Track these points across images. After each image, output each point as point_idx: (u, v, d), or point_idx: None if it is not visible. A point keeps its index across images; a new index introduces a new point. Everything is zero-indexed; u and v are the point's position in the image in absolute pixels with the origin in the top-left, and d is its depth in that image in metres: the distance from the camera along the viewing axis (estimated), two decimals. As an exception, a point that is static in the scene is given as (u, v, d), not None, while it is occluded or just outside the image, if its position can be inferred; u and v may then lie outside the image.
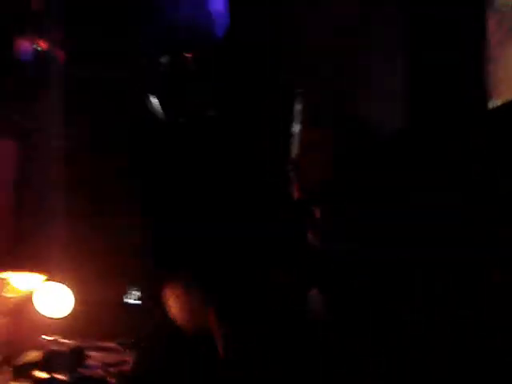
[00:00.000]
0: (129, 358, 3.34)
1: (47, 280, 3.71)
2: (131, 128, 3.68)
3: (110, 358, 3.41)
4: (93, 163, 3.96)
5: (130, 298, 3.93)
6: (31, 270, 3.63)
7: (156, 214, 3.56)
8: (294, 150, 2.49)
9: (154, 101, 3.58)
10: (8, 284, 3.55)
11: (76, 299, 3.76)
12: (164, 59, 3.59)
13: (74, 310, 3.75)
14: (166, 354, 2.79)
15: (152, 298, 3.34)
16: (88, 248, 3.98)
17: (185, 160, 3.54)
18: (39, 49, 3.73)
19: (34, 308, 3.66)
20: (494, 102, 2.47)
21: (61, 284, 3.71)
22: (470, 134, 2.37)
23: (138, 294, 3.88)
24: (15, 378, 3.03)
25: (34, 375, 3.07)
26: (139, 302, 3.85)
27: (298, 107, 3.06)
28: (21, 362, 3.15)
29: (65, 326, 3.62)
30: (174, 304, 2.63)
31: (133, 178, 3.79)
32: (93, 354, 3.39)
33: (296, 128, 3.07)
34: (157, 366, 2.81)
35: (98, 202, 4.04)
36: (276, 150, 2.93)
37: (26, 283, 3.60)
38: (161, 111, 3.60)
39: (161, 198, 3.57)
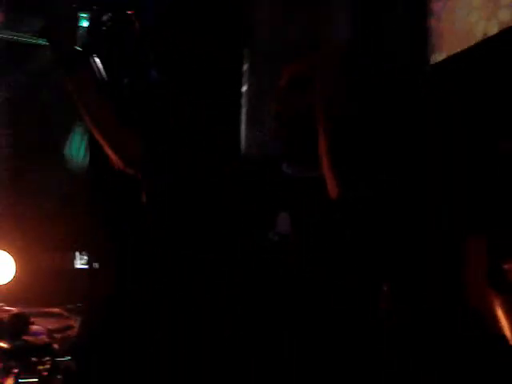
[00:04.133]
0: (74, 323, 3.29)
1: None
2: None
3: (56, 323, 3.36)
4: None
5: (78, 263, 3.87)
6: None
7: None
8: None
9: (97, 61, 3.47)
10: None
11: (19, 266, 3.69)
12: (106, 17, 3.48)
13: (18, 276, 3.68)
14: (109, 318, 2.74)
15: (98, 261, 3.27)
16: (32, 214, 3.90)
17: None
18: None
19: (-24, 275, 3.58)
20: (438, 56, 2.46)
21: (1, 250, 3.63)
22: (413, 87, 2.35)
23: (86, 258, 3.82)
24: (-44, 347, 2.95)
25: (-26, 344, 3.00)
26: (86, 266, 3.79)
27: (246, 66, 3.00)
28: (-39, 330, 3.08)
29: (8, 293, 3.55)
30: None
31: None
32: (37, 320, 3.32)
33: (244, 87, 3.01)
34: (101, 331, 2.76)
35: (42, 165, 3.94)
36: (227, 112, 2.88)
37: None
38: (103, 72, 3.49)
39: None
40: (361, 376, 2.02)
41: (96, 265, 3.57)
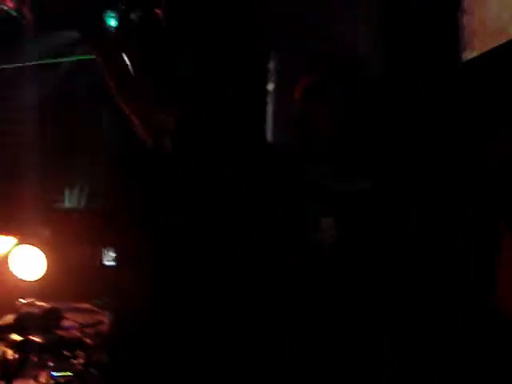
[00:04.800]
0: (105, 318, 3.34)
1: (20, 243, 3.67)
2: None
3: (86, 319, 3.40)
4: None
5: (106, 260, 3.91)
6: (4, 233, 3.59)
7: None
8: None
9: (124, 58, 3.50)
10: (-19, 247, 3.52)
11: (50, 262, 3.74)
12: (134, 16, 3.51)
13: (49, 272, 3.73)
14: (140, 314, 2.78)
15: (126, 259, 3.31)
16: (63, 211, 3.95)
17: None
18: (5, 8, 3.64)
19: (8, 271, 3.64)
20: (468, 54, 2.46)
21: (34, 247, 3.68)
22: (444, 86, 2.36)
23: (113, 255, 3.86)
24: (-9, 341, 3.00)
25: (9, 338, 3.04)
26: (114, 263, 3.83)
27: (272, 65, 3.02)
28: (-4, 325, 3.13)
29: (40, 289, 3.60)
30: None
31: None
32: (69, 315, 3.37)
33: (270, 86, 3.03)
34: (133, 326, 2.79)
35: (73, 165, 4.00)
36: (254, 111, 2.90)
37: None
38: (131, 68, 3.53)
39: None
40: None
41: (118, 262, 3.61)
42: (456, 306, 2.31)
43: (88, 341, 3.04)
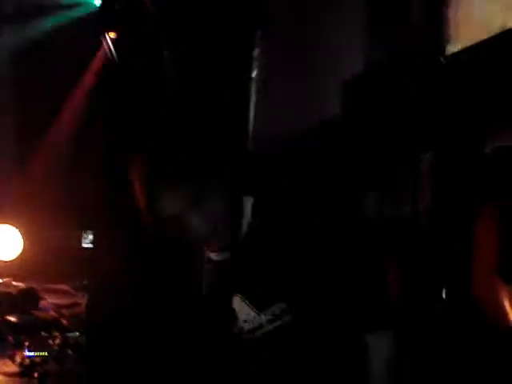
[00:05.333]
0: (81, 300, 3.33)
1: (-3, 222, 3.66)
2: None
3: (63, 300, 3.40)
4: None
5: (84, 242, 3.90)
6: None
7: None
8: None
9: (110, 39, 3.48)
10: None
11: (27, 242, 3.72)
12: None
13: (26, 253, 3.71)
14: (117, 296, 2.77)
15: (104, 242, 3.30)
16: (41, 192, 3.92)
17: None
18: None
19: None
20: (453, 47, 2.47)
21: (9, 226, 3.66)
22: (428, 79, 2.37)
23: (91, 237, 3.85)
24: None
25: (-16, 318, 3.03)
26: (91, 245, 3.82)
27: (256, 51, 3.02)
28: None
29: (17, 270, 3.58)
30: None
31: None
32: (45, 296, 3.36)
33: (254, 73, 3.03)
34: (110, 308, 2.79)
35: (53, 147, 3.97)
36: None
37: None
38: (114, 51, 3.50)
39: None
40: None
41: (94, 244, 3.59)
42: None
43: (64, 322, 3.04)
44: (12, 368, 2.46)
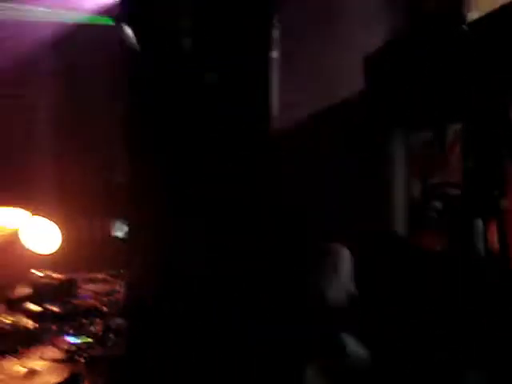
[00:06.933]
0: (119, 287, 3.40)
1: (33, 216, 3.72)
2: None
3: (101, 288, 3.47)
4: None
5: (118, 232, 3.96)
6: (17, 206, 3.63)
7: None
8: None
9: (127, 29, 3.50)
10: (-6, 220, 3.56)
11: (63, 235, 3.78)
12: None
13: (63, 245, 3.78)
14: (154, 283, 2.83)
15: (139, 231, 3.34)
16: (75, 184, 3.99)
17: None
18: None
19: (22, 244, 3.68)
20: (473, 15, 2.47)
21: (47, 219, 3.72)
22: (451, 48, 2.38)
23: (125, 227, 3.90)
24: (8, 312, 3.05)
25: (26, 308, 3.10)
26: (126, 235, 3.88)
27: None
28: (13, 296, 3.18)
29: (54, 261, 3.65)
30: None
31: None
32: (84, 285, 3.44)
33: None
34: (147, 295, 2.84)
35: (85, 139, 4.02)
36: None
37: (12, 219, 3.61)
38: (133, 39, 3.52)
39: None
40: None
41: (128, 234, 3.65)
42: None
43: (104, 308, 3.11)
44: (57, 354, 2.53)
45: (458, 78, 2.36)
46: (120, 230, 3.95)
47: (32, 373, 2.28)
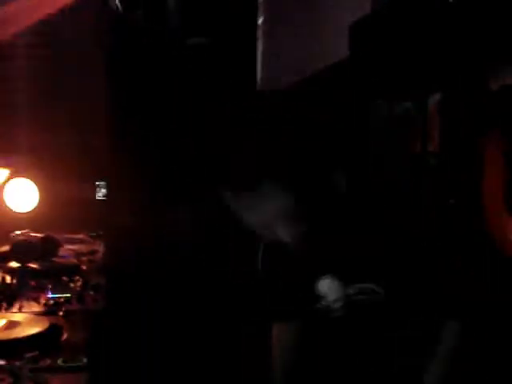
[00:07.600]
0: (99, 247, 3.43)
1: (12, 175, 3.73)
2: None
3: (82, 247, 3.50)
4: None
5: (98, 194, 3.97)
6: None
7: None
8: None
9: None
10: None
11: (43, 194, 3.80)
12: None
13: (43, 205, 3.80)
14: (132, 244, 2.85)
15: (118, 193, 3.35)
16: (56, 145, 3.98)
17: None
18: None
19: (2, 203, 3.69)
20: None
21: (26, 179, 3.74)
22: (435, 19, 2.41)
23: (105, 189, 3.92)
24: (-12, 269, 3.08)
25: (6, 266, 3.13)
26: (106, 197, 3.89)
27: None
28: (-7, 254, 3.21)
29: (34, 221, 3.67)
30: None
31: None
32: (64, 244, 3.46)
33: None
34: (126, 255, 2.87)
35: (69, 99, 4.00)
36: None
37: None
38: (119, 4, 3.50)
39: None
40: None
41: (109, 196, 3.66)
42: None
43: (84, 267, 3.14)
44: (38, 308, 2.56)
45: (440, 47, 2.40)
46: (101, 193, 3.97)
47: (12, 323, 2.31)
